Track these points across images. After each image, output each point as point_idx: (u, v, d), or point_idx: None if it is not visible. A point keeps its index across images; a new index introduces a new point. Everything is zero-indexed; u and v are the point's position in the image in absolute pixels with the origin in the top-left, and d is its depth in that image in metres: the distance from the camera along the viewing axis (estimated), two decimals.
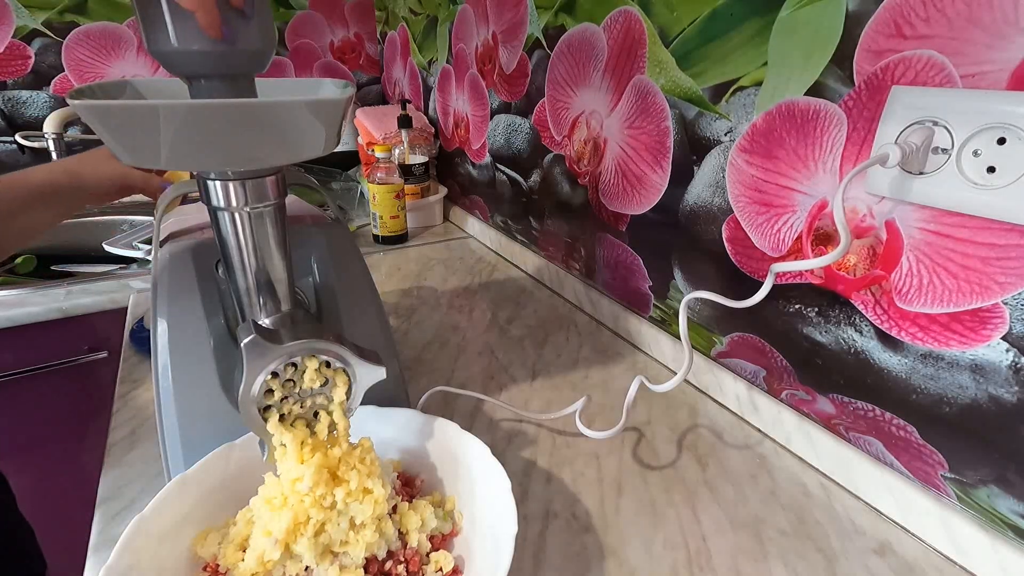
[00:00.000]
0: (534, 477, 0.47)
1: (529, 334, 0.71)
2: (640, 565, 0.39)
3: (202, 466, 0.38)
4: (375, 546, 0.34)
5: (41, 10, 1.13)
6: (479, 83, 0.96)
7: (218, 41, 0.25)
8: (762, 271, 0.51)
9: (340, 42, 1.45)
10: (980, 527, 0.38)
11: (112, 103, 0.24)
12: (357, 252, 0.49)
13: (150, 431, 0.50)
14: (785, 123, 0.46)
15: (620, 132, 0.65)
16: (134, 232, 0.91)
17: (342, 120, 0.29)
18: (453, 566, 0.36)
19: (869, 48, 0.39)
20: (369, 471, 0.35)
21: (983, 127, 0.33)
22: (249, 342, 0.31)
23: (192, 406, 0.40)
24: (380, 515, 0.34)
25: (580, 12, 0.67)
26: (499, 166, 0.95)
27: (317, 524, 0.33)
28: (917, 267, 0.39)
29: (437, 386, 0.56)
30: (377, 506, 0.34)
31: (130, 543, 0.32)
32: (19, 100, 1.16)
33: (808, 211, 0.45)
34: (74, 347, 0.85)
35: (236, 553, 0.34)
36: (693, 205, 0.57)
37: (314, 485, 0.33)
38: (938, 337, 0.39)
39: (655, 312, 0.66)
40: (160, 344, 0.40)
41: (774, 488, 0.47)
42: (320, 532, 0.33)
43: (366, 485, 0.34)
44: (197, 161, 0.27)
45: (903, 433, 0.43)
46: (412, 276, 0.89)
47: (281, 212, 0.34)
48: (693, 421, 0.55)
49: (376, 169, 0.98)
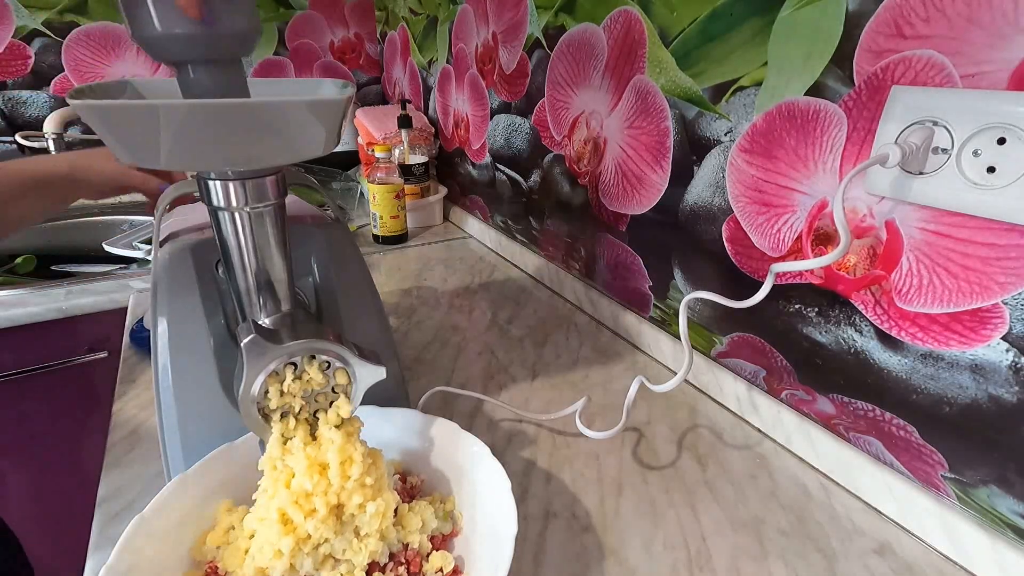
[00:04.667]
0: (534, 477, 0.47)
1: (529, 334, 0.71)
2: (640, 565, 0.39)
3: (202, 466, 0.38)
4: (377, 552, 0.34)
5: (41, 10, 1.13)
6: (479, 83, 0.96)
7: (199, 22, 0.25)
8: (762, 271, 0.51)
9: (340, 42, 1.45)
10: (980, 527, 0.38)
11: (112, 103, 0.24)
12: (357, 252, 0.49)
13: (150, 431, 0.50)
14: (785, 123, 0.45)
15: (620, 132, 0.65)
16: (134, 232, 0.91)
17: (342, 120, 0.29)
18: (453, 566, 0.36)
19: (869, 48, 0.39)
20: (378, 486, 0.34)
21: (983, 127, 0.33)
22: (249, 342, 0.31)
23: (192, 406, 0.40)
24: (386, 526, 0.34)
25: (580, 12, 0.67)
26: (499, 166, 0.95)
27: (320, 540, 0.33)
28: (917, 267, 0.39)
29: (437, 386, 0.56)
30: (384, 520, 0.34)
31: (130, 543, 0.32)
32: (19, 100, 1.16)
33: (808, 211, 0.45)
34: (74, 347, 0.85)
35: (236, 557, 0.34)
36: (693, 205, 0.57)
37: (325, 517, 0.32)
38: (938, 337, 0.39)
39: (655, 312, 0.66)
40: (160, 344, 0.40)
41: (774, 488, 0.47)
42: (322, 544, 0.33)
43: (375, 497, 0.34)
44: (197, 161, 0.27)
45: (903, 433, 0.43)
46: (412, 276, 0.89)
47: (281, 212, 0.34)
48: (693, 421, 0.55)
49: (376, 169, 0.98)
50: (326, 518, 0.32)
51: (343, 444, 0.34)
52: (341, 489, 0.33)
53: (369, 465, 0.34)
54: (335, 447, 0.33)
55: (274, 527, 0.32)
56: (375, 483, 0.34)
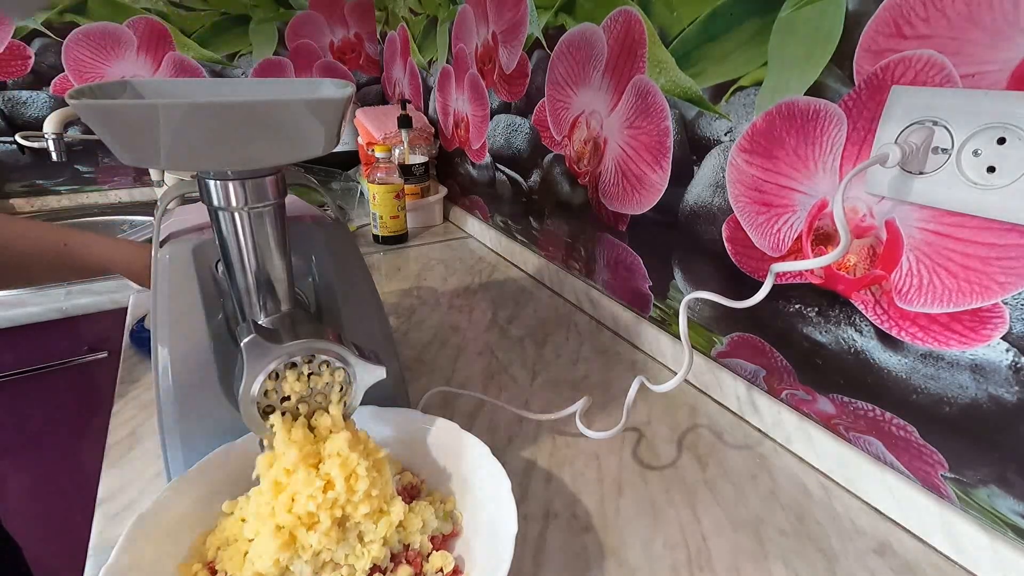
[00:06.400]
0: (534, 477, 0.47)
1: (529, 334, 0.71)
2: (640, 565, 0.39)
3: (202, 466, 0.38)
4: (380, 558, 0.34)
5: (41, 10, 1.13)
6: (479, 83, 0.96)
7: None
8: (762, 271, 0.51)
9: (340, 42, 1.45)
10: (980, 527, 0.38)
11: (112, 103, 0.24)
12: (357, 252, 0.49)
13: (150, 431, 0.50)
14: (785, 123, 0.45)
15: (620, 132, 0.65)
16: (134, 232, 0.91)
17: (342, 120, 0.29)
18: (453, 566, 0.36)
19: (869, 48, 0.39)
20: (384, 495, 0.34)
21: (983, 127, 0.33)
22: (249, 342, 0.31)
23: (192, 406, 0.40)
24: (391, 533, 0.34)
25: (580, 12, 0.67)
26: (499, 166, 0.95)
27: (322, 549, 0.32)
28: (917, 267, 0.39)
29: (437, 386, 0.56)
30: (390, 527, 0.34)
31: (130, 543, 0.32)
32: (19, 100, 1.16)
33: (808, 211, 0.45)
34: (74, 347, 0.85)
35: (236, 559, 0.34)
36: (693, 205, 0.57)
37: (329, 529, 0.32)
38: (938, 337, 0.39)
39: (655, 312, 0.66)
40: (160, 344, 0.40)
41: (774, 488, 0.47)
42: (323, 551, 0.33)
43: (382, 507, 0.34)
44: (197, 161, 0.27)
45: (903, 433, 0.43)
46: (412, 276, 0.89)
47: (281, 212, 0.34)
48: (693, 421, 0.55)
49: (376, 169, 0.98)
50: (329, 530, 0.32)
51: (346, 458, 0.33)
52: (347, 502, 0.33)
53: (375, 477, 0.34)
54: (337, 462, 0.33)
55: (274, 541, 0.31)
56: (381, 493, 0.34)
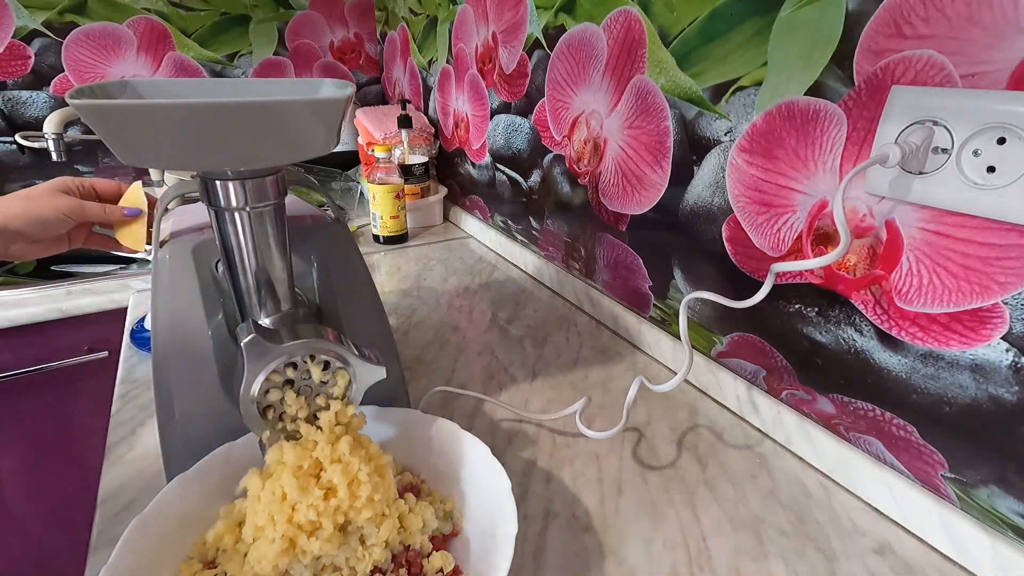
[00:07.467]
0: (534, 477, 0.47)
1: (529, 334, 0.71)
2: (640, 565, 0.39)
3: (202, 466, 0.38)
4: (381, 560, 0.34)
5: (41, 10, 1.13)
6: (479, 83, 0.96)
7: None
8: (762, 271, 0.51)
9: (340, 42, 1.45)
10: (980, 527, 0.38)
11: (112, 103, 0.24)
12: (357, 252, 0.49)
13: (150, 431, 0.50)
14: (785, 123, 0.45)
15: (620, 132, 0.65)
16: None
17: (342, 120, 0.29)
18: (454, 566, 0.36)
19: (869, 48, 0.39)
20: (387, 499, 0.34)
21: (983, 127, 0.33)
22: (249, 342, 0.31)
23: (192, 406, 0.40)
24: (393, 536, 0.34)
25: (580, 12, 0.67)
26: (499, 166, 0.95)
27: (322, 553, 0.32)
28: (917, 267, 0.39)
29: (437, 386, 0.56)
30: (392, 530, 0.34)
31: (130, 543, 0.32)
32: (19, 100, 1.16)
33: (808, 211, 0.45)
34: (74, 347, 0.85)
35: (235, 560, 0.34)
36: (693, 205, 0.57)
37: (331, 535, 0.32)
38: (938, 337, 0.39)
39: (655, 312, 0.66)
40: (160, 344, 0.40)
41: (774, 488, 0.47)
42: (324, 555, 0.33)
43: (384, 511, 0.34)
44: (197, 161, 0.27)
45: (903, 433, 0.43)
46: (412, 276, 0.89)
47: (281, 212, 0.34)
48: (693, 421, 0.55)
49: (376, 169, 0.98)
50: (332, 536, 0.32)
51: (348, 464, 0.33)
52: (350, 508, 0.33)
53: (377, 482, 0.34)
54: (339, 468, 0.33)
55: (273, 547, 0.31)
56: (383, 497, 0.34)
